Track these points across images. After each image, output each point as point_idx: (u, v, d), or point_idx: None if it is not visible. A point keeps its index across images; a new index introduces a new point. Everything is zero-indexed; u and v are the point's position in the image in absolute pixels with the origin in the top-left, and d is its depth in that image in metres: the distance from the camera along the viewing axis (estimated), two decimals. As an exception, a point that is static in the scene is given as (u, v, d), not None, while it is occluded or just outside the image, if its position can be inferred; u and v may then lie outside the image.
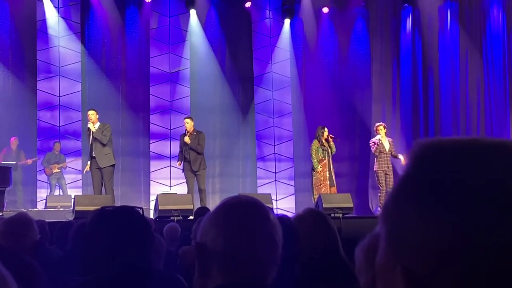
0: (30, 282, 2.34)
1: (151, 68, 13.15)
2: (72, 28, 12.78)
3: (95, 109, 9.82)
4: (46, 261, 3.29)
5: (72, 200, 9.47)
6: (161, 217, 8.66)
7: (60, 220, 7.24)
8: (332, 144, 10.46)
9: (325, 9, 13.83)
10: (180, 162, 10.32)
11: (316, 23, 13.88)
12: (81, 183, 12.30)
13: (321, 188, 10.23)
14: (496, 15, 13.38)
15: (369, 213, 12.19)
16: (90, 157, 9.66)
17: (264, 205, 1.42)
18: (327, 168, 10.36)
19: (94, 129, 9.61)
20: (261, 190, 13.00)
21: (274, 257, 1.38)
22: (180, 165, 10.39)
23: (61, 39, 12.67)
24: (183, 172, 10.35)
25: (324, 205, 8.77)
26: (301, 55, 13.85)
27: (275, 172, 13.57)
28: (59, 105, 12.61)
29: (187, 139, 10.13)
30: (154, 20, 13.35)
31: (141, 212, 2.12)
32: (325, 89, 13.58)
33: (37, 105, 12.48)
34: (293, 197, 13.39)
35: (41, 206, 11.55)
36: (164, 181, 12.83)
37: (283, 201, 13.23)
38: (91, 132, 9.62)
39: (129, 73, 13.01)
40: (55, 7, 12.69)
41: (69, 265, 3.08)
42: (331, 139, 10.47)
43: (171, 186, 12.70)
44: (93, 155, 9.59)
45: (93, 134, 9.59)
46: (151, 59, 13.16)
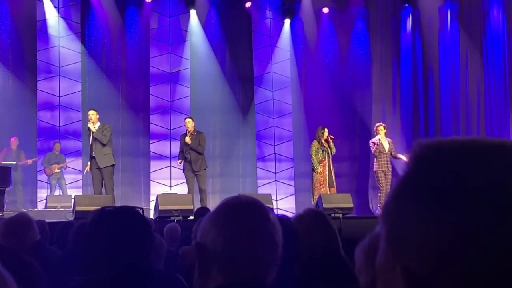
0: (30, 282, 2.34)
1: (151, 68, 13.14)
2: (72, 28, 12.78)
3: (95, 109, 9.81)
4: (46, 261, 3.29)
5: (72, 200, 9.47)
6: (161, 217, 8.66)
7: (60, 220, 7.23)
8: (332, 145, 10.47)
9: (325, 9, 13.82)
10: (181, 161, 10.32)
11: (316, 23, 13.87)
12: (81, 183, 12.30)
13: (321, 189, 10.24)
14: (496, 15, 13.38)
15: (369, 213, 12.18)
16: (90, 157, 9.65)
17: (264, 205, 1.42)
18: (327, 168, 10.38)
19: (94, 129, 9.59)
20: (261, 190, 13.00)
21: (274, 257, 1.38)
22: (181, 164, 10.39)
23: (61, 39, 12.67)
24: (183, 172, 10.36)
25: (324, 205, 8.78)
26: (301, 55, 13.84)
27: (275, 172, 13.57)
28: (59, 105, 12.61)
29: (187, 139, 10.13)
30: (154, 20, 13.35)
31: (141, 212, 2.12)
32: (325, 89, 13.57)
33: (37, 105, 12.47)
34: (293, 197, 13.38)
35: (41, 206, 11.54)
36: (164, 181, 12.83)
37: (283, 201, 13.22)
38: (91, 132, 9.61)
39: (129, 73, 13.00)
40: (55, 7, 12.68)
41: (69, 265, 3.08)
42: (331, 140, 10.48)
43: (171, 186, 12.69)
44: (93, 155, 9.58)
45: (93, 134, 9.58)
46: (151, 59, 13.15)
